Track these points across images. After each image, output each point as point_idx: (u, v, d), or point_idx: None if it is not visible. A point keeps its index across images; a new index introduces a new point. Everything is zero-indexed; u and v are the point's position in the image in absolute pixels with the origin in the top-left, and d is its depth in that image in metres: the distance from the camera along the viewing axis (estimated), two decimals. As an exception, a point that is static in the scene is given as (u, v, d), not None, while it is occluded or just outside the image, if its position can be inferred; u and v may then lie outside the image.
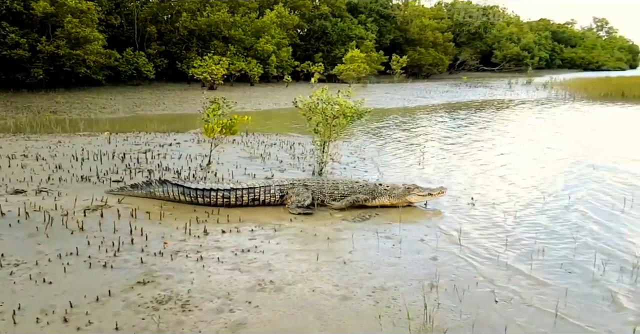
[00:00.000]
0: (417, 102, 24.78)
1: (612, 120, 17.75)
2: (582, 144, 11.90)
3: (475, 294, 4.19)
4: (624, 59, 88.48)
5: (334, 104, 7.74)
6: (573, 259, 4.86)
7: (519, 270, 4.64)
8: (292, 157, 9.49)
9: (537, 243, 5.27)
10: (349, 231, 5.60)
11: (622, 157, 10.02)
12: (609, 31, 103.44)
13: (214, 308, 3.83)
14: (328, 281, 4.36)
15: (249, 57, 31.83)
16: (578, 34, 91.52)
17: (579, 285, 4.32)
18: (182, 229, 5.38)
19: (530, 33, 69.83)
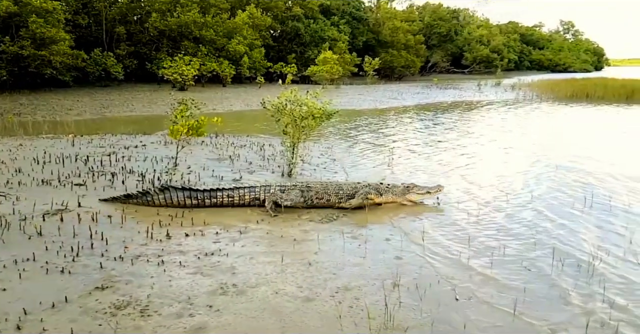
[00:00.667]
0: (389, 103, 24.97)
1: (575, 120, 18.25)
2: (545, 144, 12.20)
3: (436, 292, 4.24)
4: (589, 61, 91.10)
5: (302, 105, 7.73)
6: (531, 258, 4.97)
7: (480, 269, 4.72)
8: (261, 159, 9.44)
9: (497, 242, 5.37)
10: (316, 232, 5.60)
11: (583, 157, 10.30)
12: (575, 34, 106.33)
13: (174, 313, 3.77)
14: (292, 282, 4.34)
15: (221, 57, 31.54)
16: (545, 36, 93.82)
17: (537, 283, 4.42)
18: (144, 233, 5.28)
19: (500, 35, 71.21)
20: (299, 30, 39.61)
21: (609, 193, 7.34)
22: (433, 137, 13.54)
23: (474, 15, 73.78)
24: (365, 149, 11.37)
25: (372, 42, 48.95)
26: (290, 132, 8.14)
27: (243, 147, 10.56)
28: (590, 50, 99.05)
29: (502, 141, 12.70)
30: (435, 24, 60.25)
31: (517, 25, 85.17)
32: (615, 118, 19.06)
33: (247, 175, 8.08)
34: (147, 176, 7.62)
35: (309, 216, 6.24)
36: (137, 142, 10.68)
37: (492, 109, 21.86)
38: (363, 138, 13.04)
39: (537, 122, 17.35)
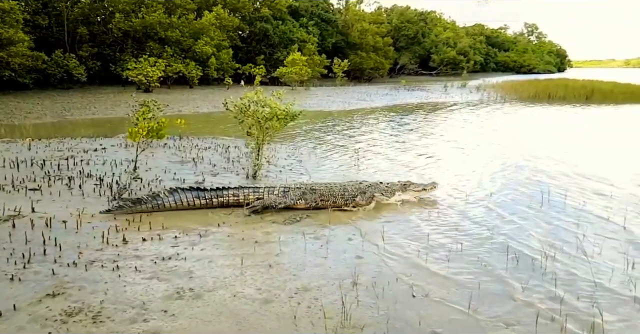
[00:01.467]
0: (357, 105, 25.11)
1: (535, 120, 18.75)
2: (505, 144, 12.49)
3: (394, 290, 4.29)
4: (552, 62, 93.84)
5: (265, 106, 7.69)
6: (486, 256, 5.07)
7: (436, 267, 4.80)
8: (226, 161, 9.34)
9: (453, 241, 5.45)
10: (278, 234, 5.58)
11: (541, 157, 10.59)
12: (538, 36, 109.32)
13: (127, 318, 3.69)
14: (251, 285, 4.31)
15: (187, 59, 31.09)
16: (510, 38, 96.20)
17: (491, 280, 4.51)
18: (100, 239, 5.15)
19: (466, 38, 72.66)
20: (268, 32, 39.43)
21: (564, 191, 7.56)
22: (398, 138, 13.69)
23: (441, 17, 74.92)
24: (332, 150, 11.39)
25: (342, 43, 49.16)
26: (254, 133, 8.09)
27: (207, 150, 10.43)
28: (554, 52, 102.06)
29: (464, 141, 12.93)
30: (403, 26, 60.98)
31: (483, 27, 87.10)
32: (574, 118, 19.68)
33: (211, 177, 7.98)
34: (105, 179, 7.44)
35: (273, 217, 6.21)
36: (97, 145, 10.41)
37: (456, 110, 22.26)
38: (330, 139, 13.07)
39: (499, 122, 17.74)
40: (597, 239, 5.50)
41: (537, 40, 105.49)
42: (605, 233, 5.74)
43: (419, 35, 62.08)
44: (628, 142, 12.97)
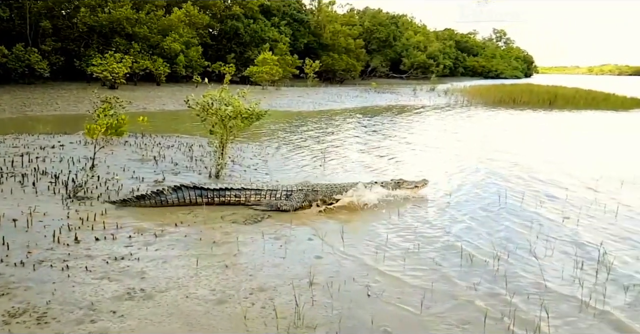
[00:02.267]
0: (328, 106, 25.19)
1: (499, 124, 19.18)
2: (466, 148, 12.71)
3: (350, 290, 4.29)
4: (519, 68, 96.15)
5: (227, 104, 7.60)
6: (441, 258, 5.12)
7: (393, 268, 4.83)
8: (189, 160, 9.19)
9: (411, 243, 5.48)
10: (237, 234, 5.51)
11: (500, 160, 10.78)
12: (507, 42, 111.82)
13: (74, 319, 3.58)
14: (205, 286, 4.24)
15: (155, 55, 30.50)
16: (479, 43, 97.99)
17: (444, 282, 4.55)
18: (51, 238, 4.98)
19: (436, 42, 73.65)
20: (239, 30, 39.10)
21: (520, 194, 7.70)
22: (363, 139, 13.78)
23: (412, 21, 75.81)
24: (298, 150, 11.37)
25: (314, 44, 49.17)
26: (217, 132, 7.99)
27: (170, 148, 10.25)
28: (521, 58, 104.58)
29: (426, 144, 13.12)
30: (375, 29, 61.41)
31: (453, 32, 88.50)
32: (535, 122, 20.22)
33: (172, 176, 7.84)
34: (61, 177, 7.21)
35: (233, 217, 6.14)
36: (55, 142, 10.08)
37: (422, 113, 22.58)
38: (297, 139, 13.05)
39: (462, 126, 18.03)
40: (549, 241, 5.64)
41: (505, 46, 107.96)
42: (556, 235, 5.89)
43: (391, 38, 62.62)
44: (585, 147, 13.40)
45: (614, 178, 9.01)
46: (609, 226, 6.29)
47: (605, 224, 6.36)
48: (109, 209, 6.05)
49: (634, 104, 27.61)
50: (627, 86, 57.72)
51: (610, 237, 5.87)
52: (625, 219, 6.63)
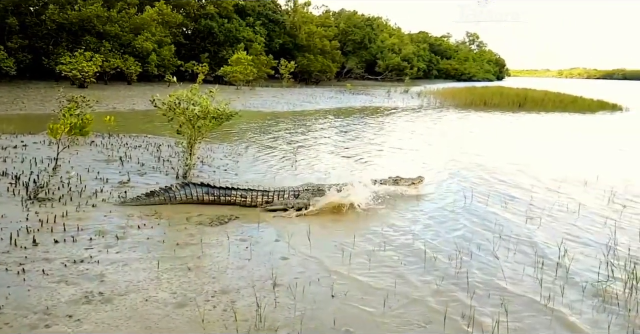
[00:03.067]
0: (302, 106, 25.16)
1: (470, 126, 19.45)
2: (436, 149, 12.86)
3: (314, 291, 4.29)
4: (492, 71, 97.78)
5: (195, 104, 7.50)
6: (406, 259, 5.15)
7: (358, 269, 4.83)
8: (156, 160, 9.04)
9: (377, 245, 5.49)
10: (202, 236, 5.44)
11: (467, 162, 10.92)
12: (479, 45, 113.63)
13: (28, 324, 3.49)
14: (166, 289, 4.17)
15: (126, 54, 29.94)
16: (453, 46, 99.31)
17: (407, 283, 4.57)
18: (7, 240, 4.83)
19: (410, 45, 74.37)
20: (213, 29, 38.73)
21: (485, 196, 7.78)
22: (336, 140, 13.80)
23: (387, 23, 76.41)
24: (270, 151, 11.30)
25: (289, 45, 49.08)
26: (185, 132, 7.88)
27: (137, 148, 10.06)
28: (493, 61, 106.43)
29: (396, 146, 13.19)
30: (351, 30, 61.67)
31: (427, 35, 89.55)
32: (504, 124, 20.57)
33: (137, 177, 7.70)
34: (22, 178, 6.99)
35: (199, 219, 6.05)
36: (18, 142, 9.77)
37: (395, 115, 22.76)
38: (270, 140, 12.98)
39: (432, 127, 18.12)
40: (510, 242, 5.72)
41: (478, 49, 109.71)
42: (518, 236, 5.97)
43: (366, 40, 62.98)
44: (550, 148, 13.71)
45: (577, 179, 9.25)
46: (570, 227, 6.43)
47: (567, 225, 6.50)
48: (70, 211, 5.90)
49: (600, 107, 28.44)
50: (595, 89, 59.46)
51: (570, 237, 6.00)
52: (586, 219, 6.79)
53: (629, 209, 7.30)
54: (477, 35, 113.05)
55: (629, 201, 7.82)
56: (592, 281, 4.70)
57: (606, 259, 5.11)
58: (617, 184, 8.78)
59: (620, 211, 7.17)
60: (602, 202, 7.71)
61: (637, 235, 6.08)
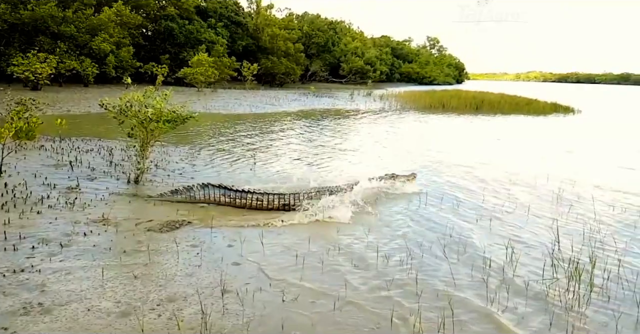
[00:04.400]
0: (265, 109, 25.05)
1: (430, 128, 19.85)
2: (392, 152, 13.04)
3: (265, 296, 4.25)
4: (452, 74, 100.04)
5: (148, 106, 7.35)
6: (358, 261, 5.19)
7: (311, 272, 4.83)
8: (108, 165, 8.79)
9: (330, 248, 5.50)
10: (151, 242, 5.31)
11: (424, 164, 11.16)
12: (439, 49, 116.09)
13: (-43, 340, 3.31)
14: (110, 298, 4.05)
15: (83, 55, 29.05)
16: (414, 50, 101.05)
17: (360, 284, 4.62)
18: (-60, 250, 4.58)
19: (373, 48, 75.29)
20: (173, 31, 38.09)
21: (438, 198, 7.94)
22: (295, 142, 13.80)
23: (350, 27, 77.07)
24: (229, 153, 11.18)
25: (253, 47, 48.80)
26: (138, 135, 7.70)
27: (89, 152, 9.75)
28: (453, 65, 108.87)
29: (352, 148, 13.27)
30: (314, 34, 61.89)
31: (389, 39, 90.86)
32: (460, 127, 21.06)
33: (87, 182, 7.46)
34: (-39, 184, 6.67)
35: (149, 224, 5.91)
36: (-41, 146, 9.32)
37: (356, 118, 22.96)
38: (229, 142, 12.85)
39: (390, 130, 18.32)
40: (460, 245, 5.81)
41: (438, 53, 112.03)
42: (467, 239, 6.08)
43: (329, 43, 63.34)
44: (502, 151, 14.12)
45: (528, 180, 9.56)
46: (518, 228, 6.61)
47: (515, 226, 6.68)
48: (13, 218, 5.66)
49: (553, 109, 29.55)
50: (549, 91, 61.71)
51: (517, 238, 6.17)
52: (533, 220, 7.01)
53: (574, 209, 7.58)
54: (438, 40, 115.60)
55: (575, 202, 8.13)
56: (536, 281, 4.84)
57: (550, 260, 5.27)
58: (565, 185, 9.12)
59: (566, 211, 7.44)
60: (550, 202, 7.99)
61: (581, 235, 6.30)
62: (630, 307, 4.35)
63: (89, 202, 6.56)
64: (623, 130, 22.24)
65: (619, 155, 13.91)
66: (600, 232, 6.42)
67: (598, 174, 10.62)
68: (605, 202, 8.15)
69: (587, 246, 5.78)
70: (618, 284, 4.80)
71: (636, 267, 5.23)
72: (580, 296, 4.47)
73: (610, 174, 10.87)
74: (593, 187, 9.21)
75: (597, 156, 13.53)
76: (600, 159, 13.06)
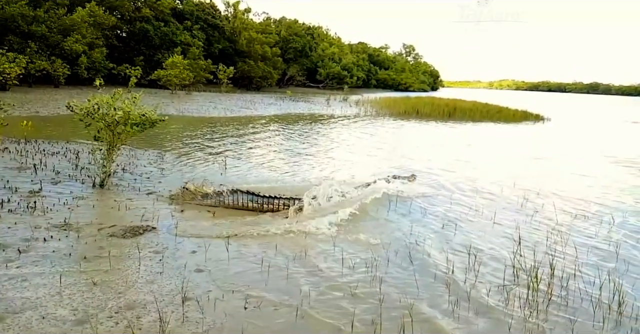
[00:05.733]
0: (240, 112, 24.92)
1: (402, 135, 20.06)
2: (361, 158, 13.13)
3: (227, 303, 4.22)
4: (427, 81, 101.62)
5: (117, 109, 7.24)
6: (323, 265, 5.22)
7: (276, 277, 4.83)
8: (74, 168, 8.60)
9: (296, 252, 5.50)
10: (113, 248, 5.22)
11: (396, 169, 11.28)
12: (415, 57, 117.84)
13: None
14: (67, 305, 3.96)
15: (54, 56, 28.44)
16: (390, 57, 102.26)
17: (324, 288, 4.64)
18: None
19: (350, 54, 75.93)
20: (148, 32, 37.64)
21: (406, 204, 8.02)
22: (269, 146, 13.76)
23: (328, 33, 77.53)
24: (199, 157, 11.07)
25: (229, 50, 48.60)
26: (104, 138, 7.57)
27: (55, 155, 9.54)
28: (428, 72, 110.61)
29: (322, 154, 13.30)
30: (291, 38, 62.05)
31: (366, 45, 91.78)
32: (433, 133, 21.35)
33: (50, 186, 7.29)
34: None
35: (111, 230, 5.80)
36: None
37: (330, 123, 23.04)
38: (200, 146, 12.73)
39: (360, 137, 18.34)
40: (424, 251, 5.89)
41: (414, 60, 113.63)
42: (432, 244, 6.17)
43: (307, 48, 63.58)
44: (471, 157, 14.35)
45: (495, 186, 9.74)
46: (482, 233, 6.73)
47: (480, 231, 6.80)
48: (-31, 223, 5.49)
49: (523, 117, 30.19)
50: (521, 100, 63.13)
51: (481, 243, 6.29)
52: (498, 225, 7.15)
53: (537, 218, 7.74)
54: (413, 47, 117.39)
55: (539, 207, 8.32)
56: (498, 286, 4.94)
57: (511, 269, 5.36)
58: (530, 193, 9.32)
59: (529, 220, 7.57)
60: (514, 211, 8.12)
61: (544, 240, 6.46)
62: (585, 316, 4.45)
63: (51, 207, 6.42)
64: (589, 138, 22.89)
65: (583, 163, 14.31)
66: (561, 241, 6.57)
67: (562, 182, 10.88)
68: (567, 210, 8.34)
69: (547, 255, 5.91)
70: (575, 292, 4.92)
71: (592, 276, 5.37)
72: (539, 305, 4.57)
73: (574, 182, 11.16)
74: (557, 195, 9.43)
75: (562, 164, 13.88)
76: (565, 167, 13.40)
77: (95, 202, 6.82)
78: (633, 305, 4.62)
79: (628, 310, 4.52)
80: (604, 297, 4.77)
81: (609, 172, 12.81)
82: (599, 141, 21.36)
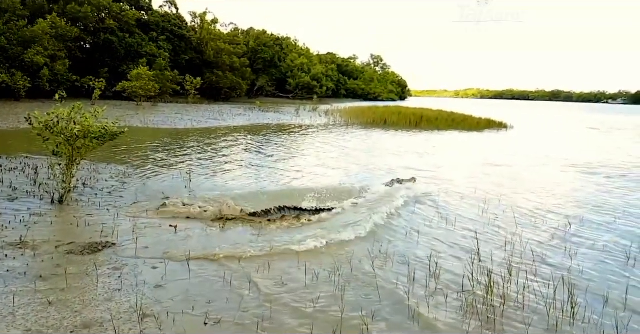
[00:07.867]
0: (207, 124, 24.73)
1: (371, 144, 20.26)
2: (327, 167, 13.24)
3: (187, 319, 4.20)
4: (395, 91, 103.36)
5: (76, 123, 7.12)
6: (287, 275, 5.25)
7: (238, 292, 4.82)
8: (32, 184, 8.40)
9: (260, 264, 5.51)
10: (70, 266, 5.11)
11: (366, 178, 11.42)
12: (383, 67, 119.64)
13: None
14: (20, 326, 3.88)
15: (14, 69, 27.72)
16: (359, 67, 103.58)
17: (289, 298, 4.68)
18: None
19: (319, 65, 76.52)
20: (113, 44, 37.12)
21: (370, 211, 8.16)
22: (231, 157, 13.72)
23: (296, 44, 77.97)
24: (164, 170, 10.93)
25: (197, 61, 48.32)
26: (64, 152, 7.43)
27: (12, 171, 9.29)
28: (396, 82, 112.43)
29: (293, 163, 13.36)
30: (260, 49, 62.14)
31: (335, 56, 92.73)
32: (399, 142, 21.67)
33: (6, 203, 7.10)
34: None
35: (69, 247, 5.68)
36: None
37: (298, 133, 23.11)
38: (165, 159, 12.57)
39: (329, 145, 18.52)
40: (388, 256, 6.01)
41: (382, 70, 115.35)
42: (395, 250, 6.29)
43: (276, 59, 63.80)
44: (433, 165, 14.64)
45: (456, 193, 9.97)
46: (444, 239, 6.89)
47: (441, 237, 6.96)
48: None
49: (487, 126, 30.98)
50: (485, 108, 64.75)
51: (443, 248, 6.44)
52: (459, 231, 7.33)
53: (498, 221, 7.98)
54: (381, 58, 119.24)
55: (500, 212, 8.56)
56: (457, 291, 5.06)
57: (471, 270, 5.51)
58: (491, 198, 9.59)
59: (489, 225, 7.79)
60: (475, 216, 8.34)
61: (503, 245, 6.66)
62: (540, 318, 4.61)
63: (7, 225, 6.26)
64: (549, 145, 23.63)
65: (543, 169, 14.77)
66: (519, 245, 6.77)
67: (522, 188, 11.21)
68: (527, 215, 8.61)
69: (506, 260, 6.09)
70: (531, 295, 5.08)
71: (548, 280, 5.55)
72: (495, 308, 4.71)
73: (534, 187, 11.50)
74: (517, 200, 9.72)
75: (523, 170, 14.29)
76: (526, 172, 13.81)
77: (53, 218, 6.67)
78: (585, 307, 4.81)
79: (581, 311, 4.70)
80: (558, 300, 4.95)
81: (566, 177, 13.27)
82: (558, 148, 22.06)
